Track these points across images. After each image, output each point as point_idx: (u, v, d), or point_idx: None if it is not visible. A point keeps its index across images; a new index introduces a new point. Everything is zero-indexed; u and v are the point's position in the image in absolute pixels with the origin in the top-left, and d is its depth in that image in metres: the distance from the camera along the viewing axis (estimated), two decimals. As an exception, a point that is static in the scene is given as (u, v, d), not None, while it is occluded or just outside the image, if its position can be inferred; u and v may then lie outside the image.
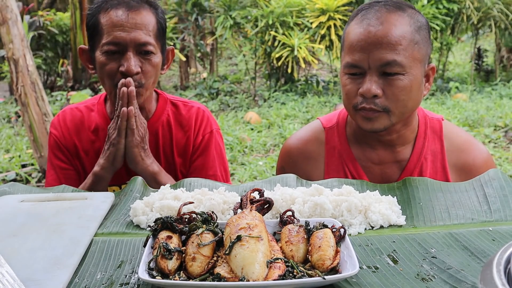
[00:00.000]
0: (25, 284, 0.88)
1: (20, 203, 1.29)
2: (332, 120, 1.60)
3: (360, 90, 1.37)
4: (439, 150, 1.51)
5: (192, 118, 1.76)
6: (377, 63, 1.34)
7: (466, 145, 1.53)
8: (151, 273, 0.89)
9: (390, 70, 1.34)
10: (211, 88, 8.12)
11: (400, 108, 1.38)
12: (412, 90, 1.37)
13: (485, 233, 1.03)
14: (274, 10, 7.56)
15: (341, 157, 1.54)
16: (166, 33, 1.67)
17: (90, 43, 1.63)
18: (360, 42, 1.36)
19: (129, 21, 1.54)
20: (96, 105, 1.76)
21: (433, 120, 1.54)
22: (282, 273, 0.86)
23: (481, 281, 0.65)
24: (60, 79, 9.26)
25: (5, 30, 5.36)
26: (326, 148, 1.57)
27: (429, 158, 1.50)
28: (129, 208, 1.24)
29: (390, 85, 1.35)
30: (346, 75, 1.42)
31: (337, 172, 1.53)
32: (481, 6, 7.45)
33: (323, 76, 9.20)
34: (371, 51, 1.34)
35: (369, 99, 1.36)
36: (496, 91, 7.28)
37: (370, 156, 1.52)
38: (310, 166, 1.57)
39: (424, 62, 1.40)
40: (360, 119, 1.42)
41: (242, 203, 1.03)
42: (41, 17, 8.68)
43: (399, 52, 1.33)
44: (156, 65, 1.60)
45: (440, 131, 1.53)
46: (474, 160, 1.50)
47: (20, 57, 5.40)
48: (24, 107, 5.58)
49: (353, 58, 1.37)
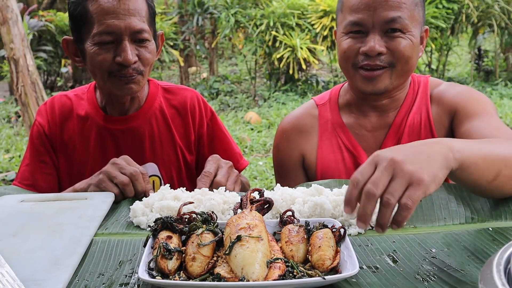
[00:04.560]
0: (25, 284, 0.88)
1: (20, 203, 1.29)
2: (325, 98, 1.63)
3: (363, 49, 1.38)
4: (424, 103, 1.51)
5: (187, 102, 1.70)
6: (382, 20, 1.35)
7: (444, 86, 1.54)
8: (151, 273, 0.89)
9: (394, 26, 1.35)
10: (211, 88, 8.13)
11: (403, 65, 1.39)
12: (414, 49, 1.39)
13: (485, 233, 1.03)
14: (276, 10, 7.56)
15: (334, 128, 1.56)
16: (155, 18, 1.60)
17: (76, 34, 1.52)
18: (365, 0, 1.37)
19: (121, 7, 1.44)
20: (86, 93, 1.68)
21: (420, 78, 1.57)
22: (282, 273, 0.85)
23: (481, 281, 0.65)
24: (60, 79, 9.26)
25: (5, 30, 5.36)
26: (320, 122, 1.58)
27: (415, 118, 1.50)
28: (128, 209, 1.24)
29: (394, 42, 1.37)
30: (346, 35, 1.42)
31: (330, 144, 1.54)
32: (481, 4, 7.45)
33: (323, 76, 9.20)
34: (376, 9, 1.35)
35: (373, 57, 1.37)
36: (497, 91, 7.28)
37: (363, 123, 1.53)
38: (304, 140, 1.58)
39: (421, 24, 1.43)
40: (360, 80, 1.42)
41: (242, 203, 1.03)
42: (41, 17, 8.69)
43: (403, 10, 1.35)
44: (152, 51, 1.53)
45: (426, 86, 1.54)
46: (446, 91, 1.51)
47: (20, 57, 5.40)
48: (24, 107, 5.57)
49: (357, 16, 1.38)
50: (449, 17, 7.38)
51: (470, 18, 7.51)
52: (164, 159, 1.66)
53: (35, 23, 8.30)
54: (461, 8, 7.47)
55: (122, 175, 1.34)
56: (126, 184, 1.33)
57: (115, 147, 1.63)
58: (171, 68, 11.28)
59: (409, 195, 0.84)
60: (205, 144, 1.73)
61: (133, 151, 1.64)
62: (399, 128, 1.49)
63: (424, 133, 1.48)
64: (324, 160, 1.53)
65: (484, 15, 7.56)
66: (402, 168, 0.86)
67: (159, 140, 1.67)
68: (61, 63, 9.06)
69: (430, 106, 1.50)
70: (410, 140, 1.46)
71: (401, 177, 0.85)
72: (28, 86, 5.39)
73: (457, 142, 0.98)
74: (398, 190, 0.84)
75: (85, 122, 1.64)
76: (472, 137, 1.30)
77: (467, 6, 7.41)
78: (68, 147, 1.64)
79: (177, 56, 8.09)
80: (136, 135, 1.64)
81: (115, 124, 1.63)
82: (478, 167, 0.99)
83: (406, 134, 1.48)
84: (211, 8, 8.16)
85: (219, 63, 10.59)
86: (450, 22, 7.48)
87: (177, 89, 1.74)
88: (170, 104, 1.70)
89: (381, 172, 0.87)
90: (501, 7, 7.49)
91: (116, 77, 1.49)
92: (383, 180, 0.86)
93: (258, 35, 7.67)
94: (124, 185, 1.33)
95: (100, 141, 1.63)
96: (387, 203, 0.84)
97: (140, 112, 1.64)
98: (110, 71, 1.48)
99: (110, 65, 1.47)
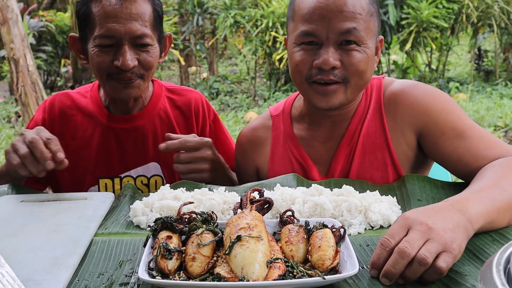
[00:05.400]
0: (25, 284, 0.88)
1: (20, 203, 1.29)
2: (279, 108, 1.58)
3: (317, 62, 1.29)
4: (378, 109, 1.43)
5: (192, 103, 1.71)
6: (336, 31, 1.28)
7: (397, 87, 1.42)
8: (151, 273, 0.89)
9: (349, 38, 1.28)
10: (211, 88, 8.13)
11: (357, 80, 1.32)
12: (369, 62, 1.32)
13: (485, 233, 1.03)
14: (275, 10, 7.57)
15: (285, 140, 1.51)
16: (162, 20, 1.58)
17: (81, 33, 1.52)
18: (319, 10, 1.28)
19: (123, 11, 1.42)
20: (90, 92, 1.68)
21: (374, 80, 1.47)
22: (282, 273, 0.85)
23: (481, 281, 0.65)
24: (60, 79, 9.26)
25: (5, 30, 5.36)
26: (273, 134, 1.54)
27: (370, 126, 1.42)
28: (128, 209, 1.24)
29: (348, 56, 1.29)
30: (298, 46, 1.33)
31: (281, 156, 1.50)
32: (481, 4, 7.45)
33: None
34: (330, 19, 1.27)
35: (327, 71, 1.29)
36: (497, 91, 7.28)
37: (315, 134, 1.47)
38: (258, 152, 1.55)
39: (376, 35, 1.36)
40: (314, 95, 1.34)
41: (242, 203, 1.03)
42: (41, 17, 8.70)
43: (358, 21, 1.28)
44: (154, 56, 1.51)
45: (379, 90, 1.45)
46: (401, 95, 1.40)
47: (20, 57, 5.41)
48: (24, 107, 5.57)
49: (310, 27, 1.29)
50: (449, 17, 7.38)
51: (470, 18, 7.50)
52: (166, 159, 1.66)
53: (35, 23, 8.31)
54: (461, 8, 7.47)
55: (22, 145, 1.28)
56: (24, 155, 1.26)
57: (118, 146, 1.63)
58: (171, 68, 11.29)
59: (445, 259, 0.86)
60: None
61: (136, 151, 1.64)
62: (352, 139, 1.42)
63: (379, 143, 1.40)
64: (274, 172, 1.49)
65: (484, 15, 7.56)
66: (438, 234, 0.88)
67: (162, 140, 1.65)
68: (61, 63, 9.07)
69: (384, 113, 1.41)
70: (364, 151, 1.40)
71: (437, 242, 0.87)
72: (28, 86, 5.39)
73: (472, 208, 0.98)
74: (434, 252, 0.86)
75: (88, 120, 1.64)
76: (463, 160, 1.27)
77: (467, 6, 7.41)
78: (71, 146, 1.62)
79: (178, 55, 8.09)
80: (139, 135, 1.64)
81: (119, 123, 1.63)
82: (494, 222, 1.02)
83: (360, 145, 1.41)
84: (210, 8, 8.17)
85: (219, 63, 10.59)
86: (450, 22, 7.48)
87: (182, 90, 1.75)
88: (174, 105, 1.70)
89: (416, 234, 0.88)
90: (501, 7, 7.49)
91: (114, 80, 1.49)
92: (419, 241, 0.87)
93: (258, 35, 7.67)
94: (23, 156, 1.26)
95: (104, 140, 1.63)
96: (424, 261, 0.85)
97: (144, 112, 1.65)
98: (109, 73, 1.48)
99: (108, 68, 1.47)
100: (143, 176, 1.65)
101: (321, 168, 1.46)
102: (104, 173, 1.63)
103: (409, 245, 0.86)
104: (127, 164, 1.64)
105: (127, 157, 1.64)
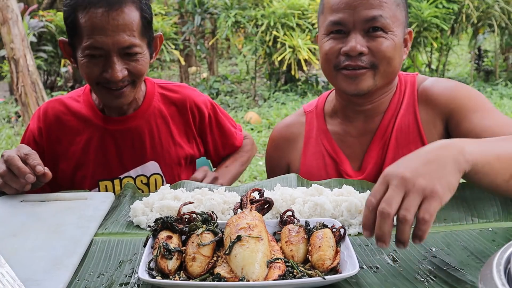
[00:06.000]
0: (25, 284, 0.88)
1: (20, 203, 1.29)
2: (313, 104, 1.62)
3: (344, 49, 1.34)
4: (412, 104, 1.46)
5: (186, 98, 1.71)
6: (362, 18, 1.32)
7: (429, 82, 1.47)
8: (151, 273, 0.89)
9: (375, 25, 1.32)
10: (211, 88, 8.12)
11: (386, 66, 1.35)
12: (396, 49, 1.36)
13: (485, 233, 1.03)
14: (276, 10, 7.56)
15: (318, 135, 1.54)
16: (152, 23, 1.54)
17: (70, 39, 1.50)
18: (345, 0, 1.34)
19: (110, 23, 1.39)
20: (82, 96, 1.66)
21: (408, 77, 1.51)
22: (282, 273, 0.86)
23: (481, 281, 0.65)
24: (60, 79, 9.26)
25: (5, 30, 5.36)
26: (306, 129, 1.58)
27: (403, 121, 1.45)
28: (128, 209, 1.24)
29: (375, 43, 1.33)
30: (327, 36, 1.39)
31: (313, 151, 1.53)
32: (481, 4, 7.45)
33: (323, 76, 9.20)
34: (356, 7, 1.32)
35: (354, 58, 1.34)
36: (497, 91, 7.28)
37: (348, 129, 1.50)
38: (291, 148, 1.59)
39: (404, 25, 1.39)
40: (343, 80, 1.38)
41: (242, 203, 1.03)
42: (42, 18, 8.69)
43: (384, 9, 1.33)
44: (144, 63, 1.49)
45: (413, 85, 1.49)
46: (432, 89, 1.44)
47: (20, 57, 5.41)
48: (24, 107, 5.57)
49: (337, 16, 1.35)
50: (449, 17, 7.38)
51: (470, 18, 7.50)
52: (165, 157, 1.66)
53: (36, 23, 8.30)
54: (461, 8, 7.47)
55: (2, 165, 1.32)
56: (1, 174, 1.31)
57: (115, 148, 1.63)
58: (171, 68, 11.29)
59: (425, 208, 0.84)
60: (208, 132, 1.77)
61: (133, 151, 1.64)
62: (385, 133, 1.45)
63: (412, 137, 1.43)
64: (306, 166, 1.52)
65: (484, 15, 7.56)
66: (414, 183, 0.85)
67: (158, 138, 1.67)
68: (61, 63, 9.06)
69: (417, 107, 1.45)
70: (398, 145, 1.43)
71: (414, 193, 0.85)
72: (28, 86, 5.39)
73: (468, 143, 0.96)
74: (413, 205, 0.84)
75: (84, 124, 1.63)
76: (476, 137, 1.27)
77: (467, 6, 7.41)
78: (69, 151, 1.63)
79: (178, 55, 8.09)
80: (136, 135, 1.64)
81: (114, 125, 1.63)
82: (492, 167, 0.96)
83: (393, 139, 1.43)
84: (211, 8, 8.17)
85: (219, 63, 10.59)
86: (450, 22, 7.47)
87: (174, 86, 1.75)
88: (168, 102, 1.70)
89: (393, 190, 0.86)
90: (501, 7, 7.49)
91: (105, 88, 1.49)
92: (396, 198, 0.85)
93: (258, 35, 7.67)
94: (2, 175, 1.31)
95: (101, 142, 1.63)
96: (404, 219, 0.84)
97: (139, 112, 1.64)
98: (98, 82, 1.48)
99: (98, 78, 1.47)
100: (142, 175, 1.65)
101: (354, 162, 1.48)
102: (103, 175, 1.63)
103: (386, 205, 0.85)
104: (126, 165, 1.64)
105: (125, 158, 1.64)
